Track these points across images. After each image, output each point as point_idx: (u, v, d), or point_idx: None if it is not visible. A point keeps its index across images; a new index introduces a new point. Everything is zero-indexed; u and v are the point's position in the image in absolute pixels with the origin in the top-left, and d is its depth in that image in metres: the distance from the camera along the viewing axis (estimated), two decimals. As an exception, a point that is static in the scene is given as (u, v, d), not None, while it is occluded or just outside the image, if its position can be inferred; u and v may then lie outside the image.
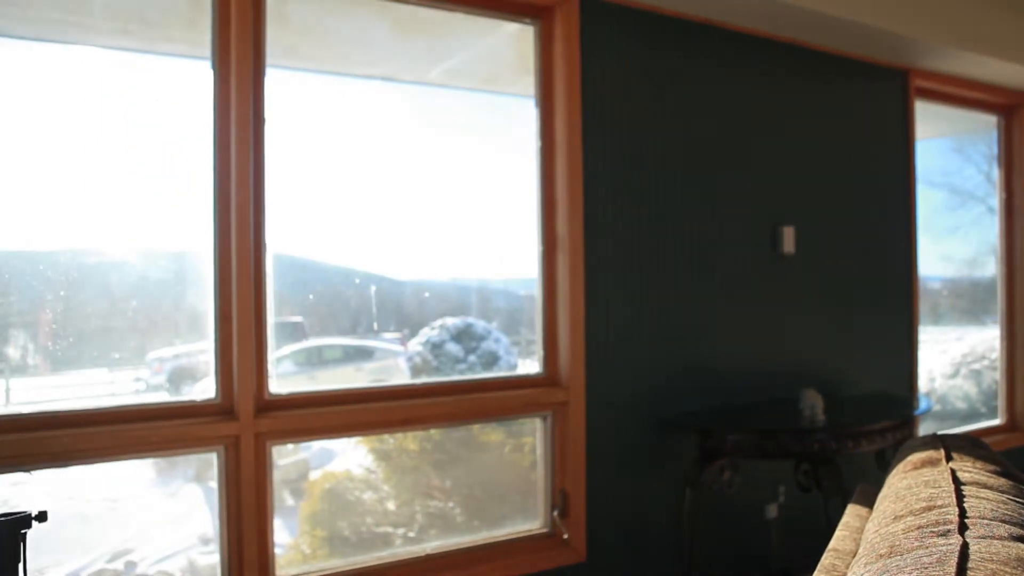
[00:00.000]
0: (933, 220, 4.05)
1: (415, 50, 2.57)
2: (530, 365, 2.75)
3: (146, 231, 2.10)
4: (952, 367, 4.33)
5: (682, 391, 2.86)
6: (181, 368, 2.21)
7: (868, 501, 1.47)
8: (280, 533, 2.22)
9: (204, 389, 2.13)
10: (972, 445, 1.33)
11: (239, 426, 2.06)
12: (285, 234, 2.22)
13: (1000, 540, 0.83)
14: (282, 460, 2.37)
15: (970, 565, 0.77)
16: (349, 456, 2.52)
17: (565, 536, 2.60)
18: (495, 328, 2.80)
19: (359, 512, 2.43)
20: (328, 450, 2.53)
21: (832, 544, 1.28)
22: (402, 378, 2.66)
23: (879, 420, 2.63)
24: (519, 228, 2.69)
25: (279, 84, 2.21)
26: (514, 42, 2.72)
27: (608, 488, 2.67)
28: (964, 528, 0.89)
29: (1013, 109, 4.24)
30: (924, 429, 3.81)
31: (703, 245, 2.92)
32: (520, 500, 2.66)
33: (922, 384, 3.85)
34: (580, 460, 2.60)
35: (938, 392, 4.29)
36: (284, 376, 2.35)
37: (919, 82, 3.67)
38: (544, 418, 2.65)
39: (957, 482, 1.09)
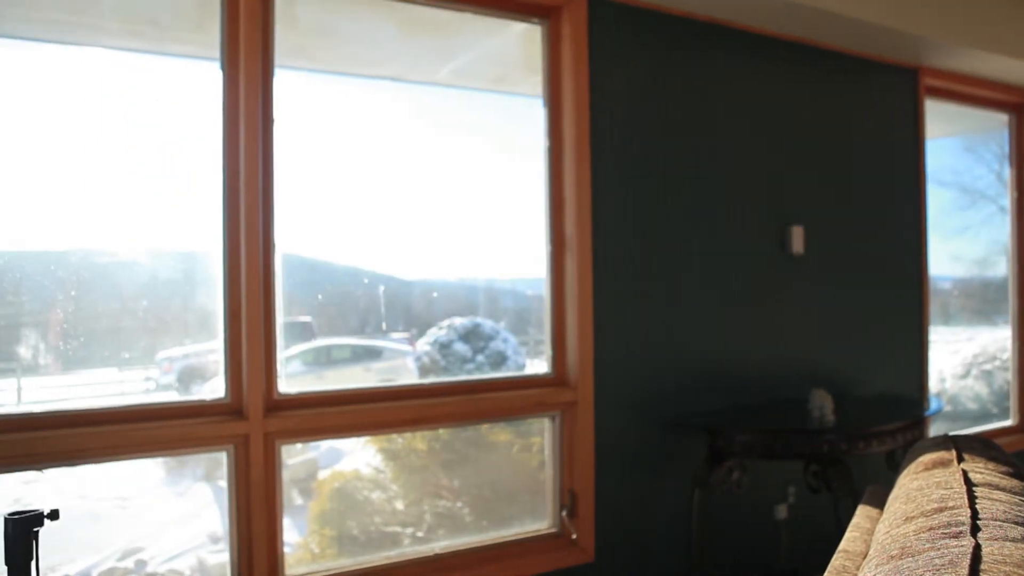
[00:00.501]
0: (943, 220, 4.02)
1: (423, 50, 2.57)
2: (538, 365, 2.75)
3: (156, 231, 2.11)
4: (963, 367, 4.31)
5: (691, 391, 2.85)
6: (191, 368, 2.22)
7: (879, 502, 1.47)
8: (289, 532, 2.22)
9: (214, 389, 2.14)
10: (984, 446, 1.33)
11: (248, 425, 2.06)
12: (294, 234, 2.22)
13: (1013, 542, 0.83)
14: (291, 459, 2.38)
15: (983, 567, 0.76)
16: (358, 456, 2.52)
17: (573, 536, 2.59)
18: (503, 328, 2.80)
19: (368, 511, 2.44)
20: (336, 449, 2.53)
21: (842, 545, 1.27)
22: (410, 378, 2.66)
23: (889, 421, 2.61)
24: (527, 228, 2.69)
25: (287, 85, 2.21)
26: (522, 42, 2.72)
27: (617, 488, 2.66)
28: (976, 530, 0.88)
29: (1024, 107, 4.21)
30: (935, 430, 3.78)
31: (712, 245, 2.91)
32: (528, 500, 2.66)
33: (932, 385, 3.83)
34: (589, 460, 2.60)
35: (949, 393, 4.26)
36: (293, 376, 2.36)
37: (929, 80, 3.65)
38: (552, 418, 2.65)
39: (969, 483, 1.08)
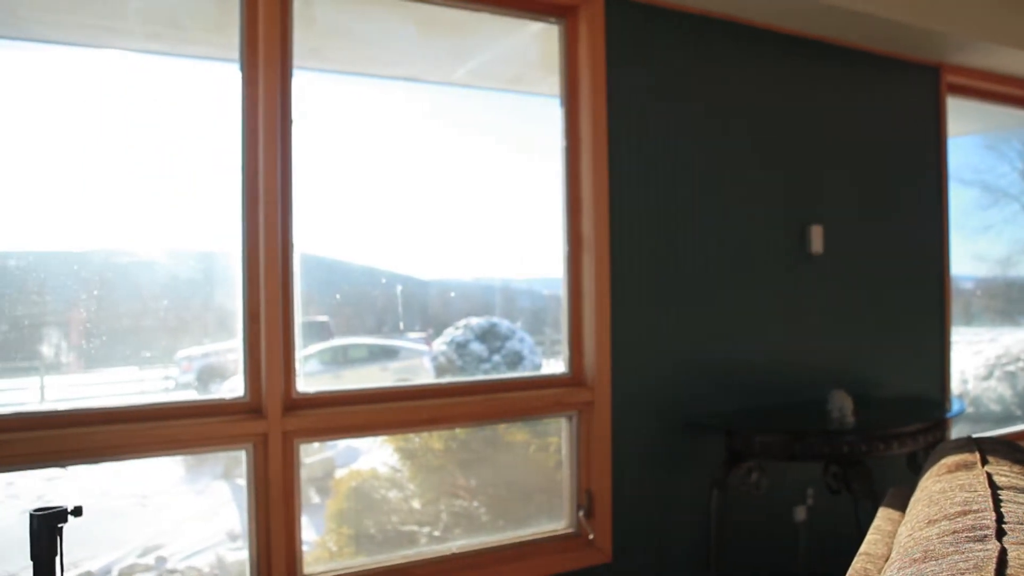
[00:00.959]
0: (965, 218, 3.97)
1: (439, 50, 2.58)
2: (554, 365, 2.74)
3: (175, 232, 2.13)
4: (986, 369, 4.25)
5: (709, 391, 2.83)
6: (210, 366, 2.24)
7: (900, 504, 1.45)
8: (306, 530, 2.24)
9: (233, 387, 2.16)
10: (1008, 449, 1.31)
11: (267, 424, 2.08)
12: (312, 234, 2.24)
13: (1039, 546, 0.81)
14: (308, 458, 2.39)
15: (1009, 572, 0.75)
16: (374, 455, 2.54)
17: (591, 536, 2.59)
18: (519, 328, 2.80)
19: (384, 510, 2.45)
20: (353, 448, 2.55)
21: (863, 548, 1.26)
22: (427, 377, 2.67)
23: (910, 422, 2.58)
24: (543, 228, 2.69)
25: (305, 85, 2.23)
26: (538, 42, 2.72)
27: (634, 489, 2.66)
28: (1002, 534, 0.87)
29: (1049, 105, 4.14)
30: (956, 432, 3.74)
31: (730, 244, 2.90)
32: (545, 500, 2.66)
33: (954, 386, 3.78)
34: (606, 460, 2.59)
35: (971, 394, 4.21)
36: (310, 375, 2.38)
37: (951, 78, 3.60)
38: (569, 418, 2.65)
39: (993, 486, 1.07)
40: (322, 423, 2.18)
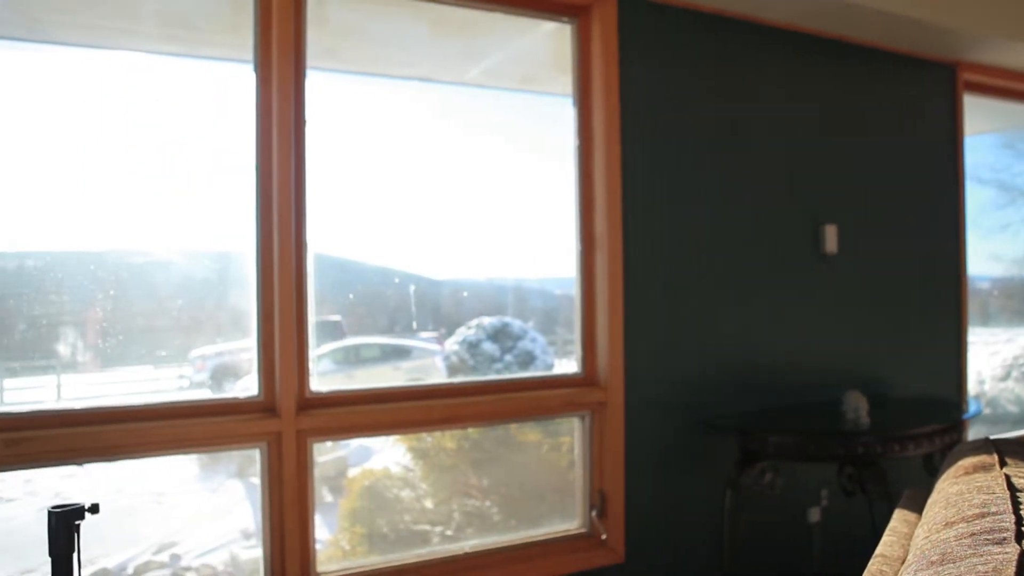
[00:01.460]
0: (982, 218, 3.93)
1: (452, 50, 2.58)
2: (566, 365, 2.74)
3: (190, 232, 2.14)
4: (1003, 369, 4.21)
5: (722, 392, 2.82)
6: (224, 366, 2.25)
7: (916, 506, 1.44)
8: (320, 529, 2.24)
9: (246, 386, 2.17)
10: (1027, 450, 1.29)
11: (281, 423, 2.09)
12: (325, 234, 2.24)
13: (1060, 549, 0.80)
14: (321, 457, 2.40)
15: (1029, 574, 0.74)
16: (387, 454, 2.54)
17: (603, 537, 2.58)
18: (531, 328, 2.80)
19: (397, 510, 2.46)
20: (366, 448, 2.55)
21: (879, 550, 1.25)
22: (439, 377, 2.67)
23: (926, 423, 2.56)
24: (555, 228, 2.69)
25: (319, 86, 2.23)
26: (551, 41, 2.71)
27: (647, 489, 2.65)
28: (1021, 536, 0.86)
29: (1068, 103, 4.10)
30: (973, 433, 3.70)
31: (744, 244, 2.88)
32: (558, 500, 2.66)
33: (971, 387, 3.74)
34: (619, 460, 2.59)
35: (988, 395, 4.17)
36: (323, 374, 2.39)
37: (968, 76, 3.57)
38: (582, 418, 2.64)
39: (1012, 488, 1.05)
40: (335, 422, 2.19)
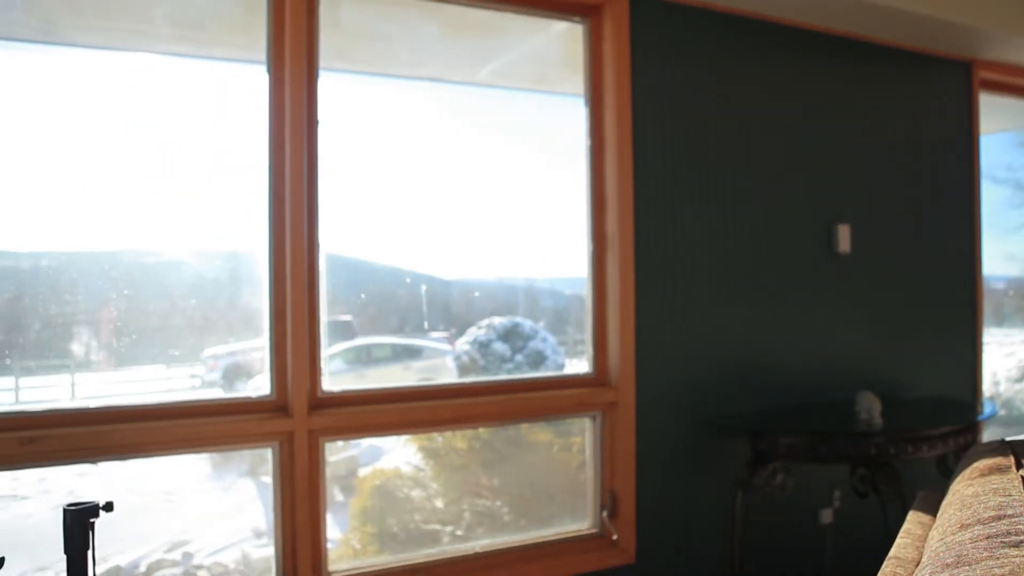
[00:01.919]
0: (997, 217, 3.90)
1: (463, 51, 2.58)
2: (577, 365, 2.74)
3: (203, 232, 2.15)
4: (1018, 370, 4.16)
5: (734, 392, 2.81)
6: (236, 365, 2.26)
7: (931, 508, 1.43)
8: (331, 528, 2.25)
9: (258, 386, 2.18)
10: (1044, 452, 1.28)
11: (293, 423, 2.10)
12: (337, 234, 2.25)
13: (1078, 552, 0.79)
14: (332, 457, 2.41)
15: (1046, 578, 0.74)
16: (398, 453, 2.55)
17: (614, 537, 2.58)
18: (542, 328, 2.80)
19: (408, 509, 2.46)
20: (376, 447, 2.56)
21: (893, 552, 1.24)
22: (449, 377, 2.68)
23: (940, 424, 2.54)
24: (566, 228, 2.68)
25: (330, 86, 2.24)
26: (563, 41, 2.71)
27: (658, 489, 2.64)
28: (1038, 539, 0.85)
29: (1085, 101, 4.05)
30: (988, 435, 3.67)
31: (756, 244, 2.87)
32: (568, 500, 2.65)
33: (986, 388, 3.71)
34: (630, 461, 2.58)
35: (1003, 396, 4.13)
36: (334, 374, 2.39)
37: (984, 74, 3.54)
38: (593, 418, 2.64)
39: (1029, 491, 1.04)
40: (347, 422, 2.19)
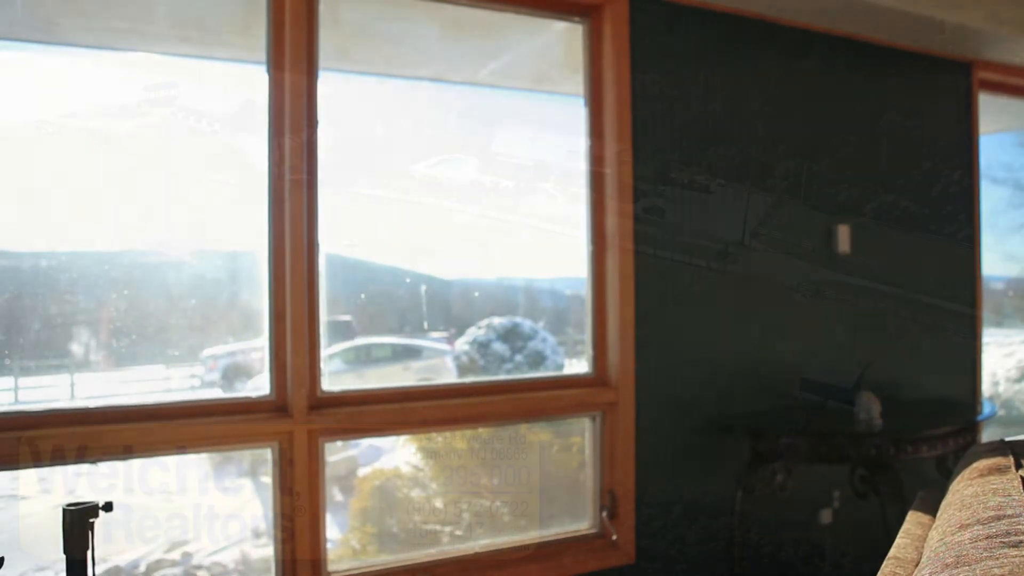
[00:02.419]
0: (997, 217, 3.90)
1: (464, 51, 2.58)
2: (576, 365, 2.74)
3: (203, 232, 2.15)
4: (1017, 371, 4.17)
5: (734, 392, 2.81)
6: (235, 365, 2.27)
7: (930, 508, 1.43)
8: (330, 528, 2.25)
9: (258, 386, 2.18)
10: (1043, 452, 1.28)
11: (292, 423, 2.09)
12: (337, 234, 2.25)
13: (1077, 553, 0.80)
14: (331, 457, 2.41)
15: (1045, 578, 0.74)
16: (397, 453, 2.55)
17: (614, 537, 2.58)
18: (542, 328, 2.80)
19: (407, 509, 2.46)
20: (376, 447, 2.56)
21: (893, 552, 1.24)
22: (449, 377, 2.68)
23: (940, 425, 2.54)
24: (566, 229, 2.68)
25: (330, 86, 2.24)
26: (562, 41, 2.71)
27: (658, 490, 2.64)
28: (1037, 539, 0.85)
29: (1084, 101, 4.05)
30: (987, 435, 3.67)
31: (756, 244, 2.87)
32: (568, 500, 2.65)
33: (985, 388, 3.71)
34: (629, 461, 2.58)
35: (1002, 397, 4.13)
36: (334, 374, 2.40)
37: (983, 74, 3.54)
38: (593, 418, 2.64)
39: (1028, 491, 1.04)
40: (346, 422, 2.19)
